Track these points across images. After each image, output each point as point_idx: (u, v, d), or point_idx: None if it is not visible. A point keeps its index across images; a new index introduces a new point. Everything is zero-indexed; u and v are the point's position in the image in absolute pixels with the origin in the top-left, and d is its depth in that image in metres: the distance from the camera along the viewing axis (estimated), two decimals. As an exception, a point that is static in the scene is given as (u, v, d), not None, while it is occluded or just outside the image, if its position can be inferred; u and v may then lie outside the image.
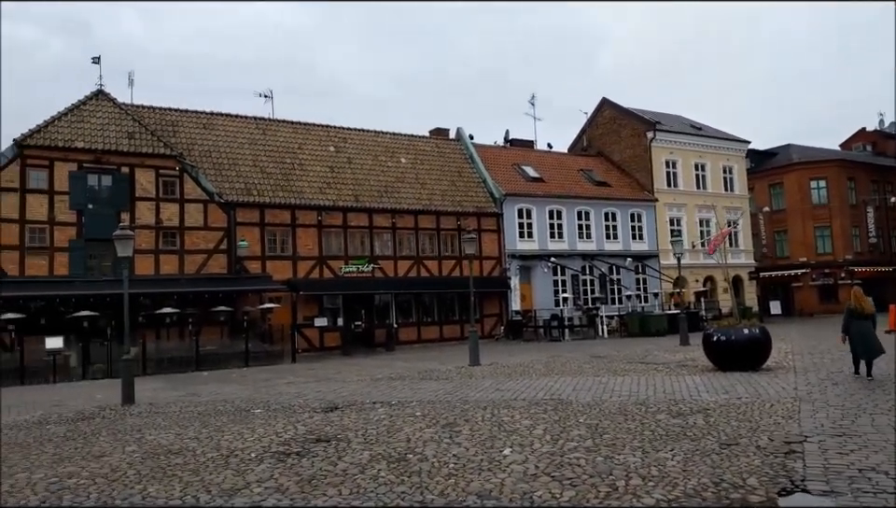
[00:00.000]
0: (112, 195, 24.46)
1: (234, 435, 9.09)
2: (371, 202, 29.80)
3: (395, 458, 7.26)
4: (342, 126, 32.91)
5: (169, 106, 29.20)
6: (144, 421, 10.80)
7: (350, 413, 10.57)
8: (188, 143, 27.76)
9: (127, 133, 25.26)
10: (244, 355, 22.63)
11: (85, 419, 11.31)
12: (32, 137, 23.50)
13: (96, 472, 7.22)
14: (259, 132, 30.33)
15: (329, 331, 27.86)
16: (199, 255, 25.60)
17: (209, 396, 14.15)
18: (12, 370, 19.53)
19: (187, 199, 25.65)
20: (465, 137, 36.04)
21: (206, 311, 24.15)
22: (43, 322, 21.67)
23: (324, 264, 28.30)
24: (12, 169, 23.09)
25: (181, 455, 7.99)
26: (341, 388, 14.60)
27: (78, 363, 20.78)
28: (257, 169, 28.54)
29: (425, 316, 30.74)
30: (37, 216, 23.24)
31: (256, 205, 27.04)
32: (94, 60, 26.42)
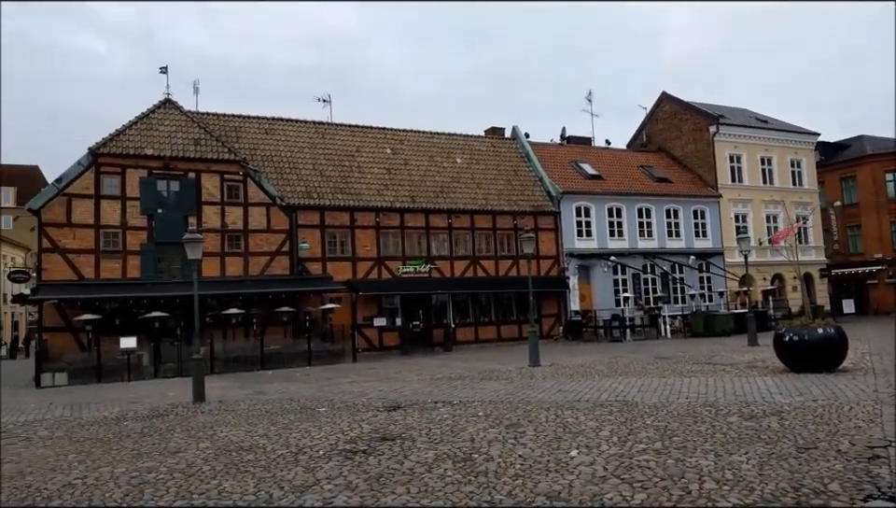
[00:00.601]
0: (180, 200, 25.35)
1: (302, 433, 9.28)
2: (428, 202, 29.95)
3: (460, 458, 7.26)
4: (398, 128, 33.23)
5: (232, 113, 30.09)
6: (215, 418, 11.14)
7: (413, 412, 10.65)
8: (250, 148, 28.54)
9: (193, 139, 26.14)
10: (306, 354, 23.09)
11: (159, 416, 11.75)
12: (105, 146, 24.58)
13: (174, 468, 7.49)
14: (319, 136, 30.92)
15: (388, 331, 28.16)
16: (262, 257, 26.28)
17: (275, 394, 14.50)
18: (90, 368, 20.47)
19: (250, 202, 26.36)
20: (520, 136, 35.83)
21: (270, 311, 24.76)
22: (117, 323, 22.64)
23: (382, 265, 28.62)
24: (87, 177, 24.21)
25: (252, 451, 8.21)
26: (402, 387, 14.72)
27: (150, 362, 21.61)
28: (316, 172, 29.10)
29: (482, 316, 30.71)
30: (111, 221, 24.30)
31: (316, 208, 27.57)
32: (162, 70, 27.47)
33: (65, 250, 23.48)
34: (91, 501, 6.25)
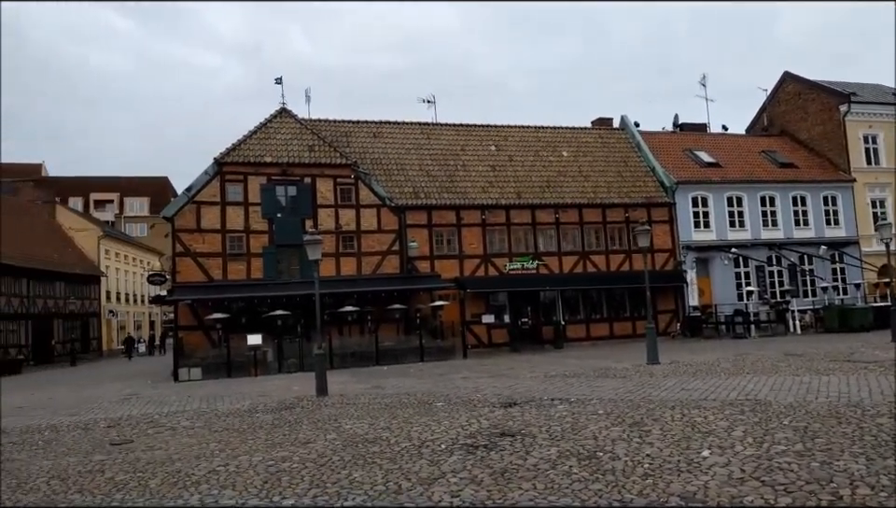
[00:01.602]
0: (297, 204, 26.58)
1: (422, 427, 9.43)
2: (534, 198, 29.68)
3: (584, 456, 7.10)
4: (501, 125, 33.17)
5: (342, 119, 31.18)
6: (338, 411, 11.55)
7: (530, 409, 10.55)
8: (360, 151, 29.45)
9: (307, 145, 27.32)
10: (418, 350, 23.53)
11: (287, 409, 12.33)
12: (228, 155, 26.18)
13: (305, 458, 7.81)
14: (424, 136, 31.41)
15: (497, 328, 28.17)
16: (374, 256, 27.05)
17: (392, 389, 14.85)
18: (221, 364, 21.87)
19: (362, 204, 27.20)
20: (630, 125, 34.72)
21: (382, 309, 25.46)
22: (243, 321, 24.06)
23: (489, 262, 28.67)
24: (214, 185, 25.89)
25: (377, 443, 8.43)
26: (515, 384, 14.64)
27: (274, 358, 22.79)
28: (423, 172, 29.58)
29: (593, 312, 30.05)
30: (235, 225, 25.85)
31: (423, 207, 28.04)
32: (277, 80, 28.93)
33: (196, 254, 25.23)
34: (235, 486, 6.64)
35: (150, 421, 11.78)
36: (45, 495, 6.77)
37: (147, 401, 15.55)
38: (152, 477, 7.27)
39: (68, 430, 11.33)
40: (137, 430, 10.76)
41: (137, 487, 6.86)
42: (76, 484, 7.18)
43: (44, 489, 7.00)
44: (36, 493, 6.87)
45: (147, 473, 7.47)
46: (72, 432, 10.98)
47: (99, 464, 8.16)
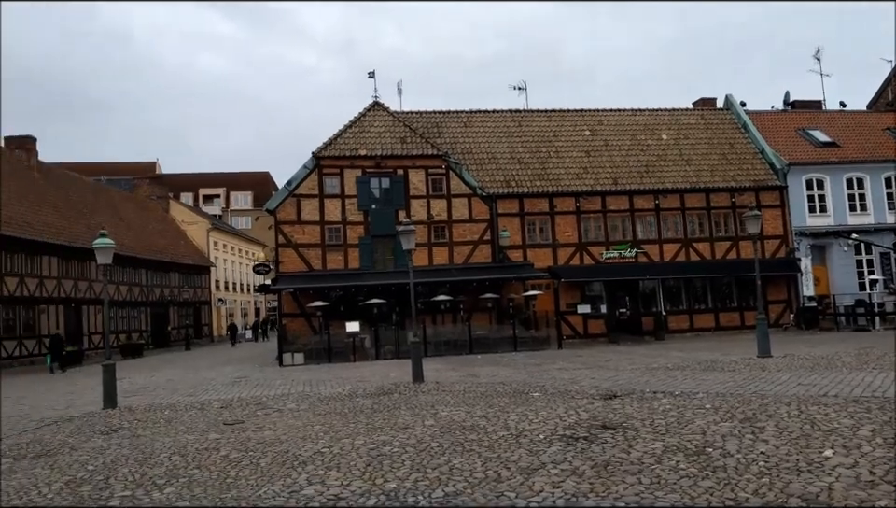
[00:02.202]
0: (390, 195, 27.04)
1: (519, 416, 9.35)
2: (632, 183, 28.78)
3: (692, 451, 6.80)
4: (596, 109, 32.32)
5: (433, 109, 31.39)
6: (434, 398, 11.67)
7: (631, 401, 10.24)
8: (451, 142, 29.56)
9: (400, 138, 27.70)
10: (512, 340, 23.42)
11: (385, 394, 12.59)
12: (326, 149, 26.97)
13: (405, 442, 7.93)
14: (515, 124, 31.10)
15: (593, 319, 27.59)
16: (465, 246, 27.13)
17: (487, 378, 14.85)
18: (322, 350, 22.65)
19: (453, 194, 27.32)
20: (735, 105, 32.89)
21: (475, 298, 25.52)
22: (342, 309, 24.82)
23: (584, 251, 28.09)
24: (312, 178, 26.76)
25: (474, 431, 8.43)
26: (615, 375, 14.28)
27: (372, 345, 23.36)
28: (514, 160, 29.33)
29: (697, 303, 28.83)
30: (333, 217, 26.62)
31: (515, 196, 27.81)
32: (370, 74, 29.59)
33: (297, 245, 26.20)
34: (339, 467, 6.83)
35: (259, 403, 12.35)
36: (167, 469, 7.22)
37: (255, 383, 16.33)
38: (262, 456, 7.61)
39: (185, 409, 12.06)
40: (247, 412, 11.31)
41: (249, 466, 7.19)
42: (194, 460, 7.61)
43: (166, 464, 7.47)
44: (160, 467, 7.34)
45: (257, 452, 7.83)
46: (189, 412, 11.68)
47: (214, 442, 8.63)
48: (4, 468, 7.76)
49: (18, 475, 7.26)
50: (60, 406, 13.63)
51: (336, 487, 6.16)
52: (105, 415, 11.84)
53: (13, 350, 27.48)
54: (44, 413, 12.66)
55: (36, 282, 29.29)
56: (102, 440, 9.26)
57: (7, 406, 14.14)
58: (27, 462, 7.98)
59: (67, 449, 8.67)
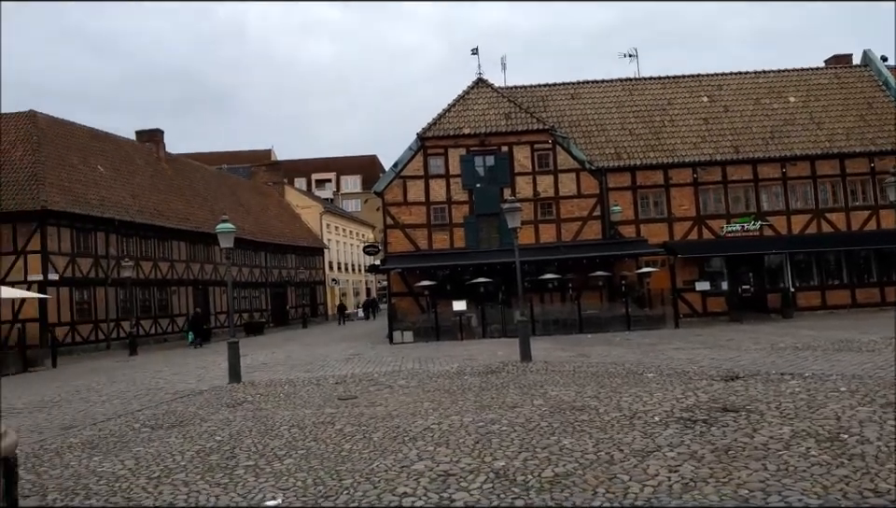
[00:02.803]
0: (495, 173, 26.86)
1: (632, 397, 9.05)
2: (755, 151, 26.95)
3: (824, 437, 6.29)
4: (715, 73, 30.44)
5: (538, 83, 30.76)
6: (543, 378, 11.52)
7: (756, 383, 9.63)
8: (557, 115, 28.88)
9: (504, 114, 27.38)
10: (624, 319, 22.73)
11: (493, 373, 12.58)
12: (430, 130, 27.14)
13: (514, 421, 7.87)
14: (626, 93, 29.91)
15: (713, 296, 26.23)
16: (574, 222, 26.52)
17: (598, 357, 14.49)
18: (430, 328, 23.01)
19: (560, 169, 26.73)
20: (875, 60, 29.85)
21: (585, 276, 24.95)
22: (448, 288, 25.05)
23: (702, 224, 26.70)
24: (417, 159, 27.05)
25: (585, 412, 8.24)
26: (737, 356, 13.52)
27: (479, 323, 23.45)
28: (625, 132, 28.25)
29: (829, 278, 26.69)
30: (438, 197, 26.83)
31: (626, 169, 26.82)
32: (473, 51, 29.45)
33: (404, 226, 26.67)
34: (448, 444, 6.88)
35: (371, 379, 12.72)
36: (286, 441, 7.56)
37: (367, 360, 16.85)
38: (375, 431, 7.81)
39: (303, 384, 12.63)
40: (360, 387, 11.67)
41: (362, 440, 7.40)
42: (311, 433, 7.94)
43: (286, 436, 7.84)
44: (280, 439, 7.71)
45: (370, 427, 8.05)
46: (306, 387, 12.22)
47: (329, 416, 8.97)
48: (143, 436, 8.44)
49: (155, 444, 7.88)
50: (191, 380, 14.68)
51: (445, 464, 6.21)
52: (230, 389, 12.63)
53: (149, 328, 29.96)
54: (177, 386, 13.69)
55: (168, 265, 31.69)
56: (228, 412, 9.87)
57: (146, 379, 15.43)
58: (163, 432, 8.64)
59: (198, 420, 9.31)
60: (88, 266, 26.69)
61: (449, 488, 5.49)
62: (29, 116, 27.78)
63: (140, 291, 29.39)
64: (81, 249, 26.52)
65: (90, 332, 26.54)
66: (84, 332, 26.23)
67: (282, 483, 5.93)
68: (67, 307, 25.51)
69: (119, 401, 11.94)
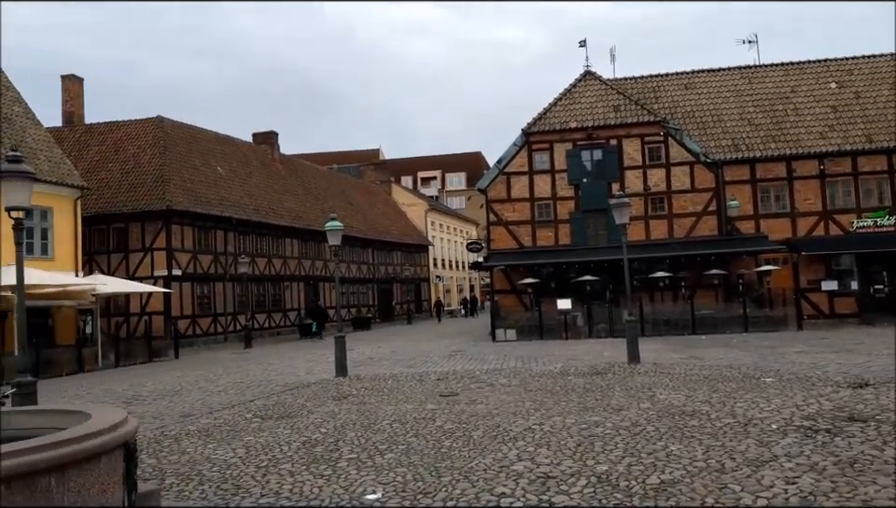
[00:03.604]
0: (603, 168, 26.13)
1: (748, 403, 8.48)
2: (890, 140, 24.61)
3: (978, 456, 5.58)
4: (844, 57, 28.07)
5: (649, 74, 29.63)
6: (651, 380, 11.04)
7: (888, 391, 8.77)
8: (670, 106, 27.70)
9: (613, 106, 26.57)
10: (742, 320, 21.43)
11: (598, 374, 12.21)
12: (535, 124, 26.80)
13: (619, 425, 7.57)
14: (745, 81, 28.19)
15: (841, 296, 24.24)
16: (687, 218, 25.33)
17: (712, 360, 13.74)
18: (534, 326, 22.72)
19: (672, 163, 25.61)
20: None
21: (698, 274, 23.78)
22: (553, 286, 24.64)
23: (829, 219, 24.71)
24: (522, 155, 26.79)
25: (695, 417, 7.80)
26: (867, 361, 12.39)
27: (584, 323, 22.90)
28: (744, 122, 26.63)
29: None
30: (543, 193, 26.44)
31: (745, 161, 25.29)
32: (581, 43, 28.65)
33: (508, 222, 26.51)
34: (549, 446, 6.70)
35: (472, 377, 12.70)
36: (388, 436, 7.66)
37: (469, 357, 16.87)
38: (475, 429, 7.75)
39: (406, 380, 12.82)
40: (461, 385, 11.68)
41: (462, 437, 7.37)
42: (412, 429, 8.00)
43: (388, 431, 7.94)
44: (382, 433, 7.82)
45: (470, 425, 8.00)
46: (409, 382, 12.39)
47: (431, 413, 9.01)
48: (254, 426, 8.84)
49: (265, 434, 8.22)
50: (300, 373, 15.29)
51: (546, 466, 6.05)
52: (336, 382, 13.02)
53: (263, 322, 31.53)
54: (287, 378, 14.29)
55: (281, 262, 33.24)
56: (334, 405, 10.16)
57: (259, 371, 16.22)
58: (272, 422, 9.01)
59: (305, 412, 9.65)
60: (208, 262, 28.47)
61: (548, 491, 5.34)
62: (156, 121, 29.98)
63: (255, 287, 30.98)
64: (202, 246, 28.31)
65: (209, 325, 28.29)
66: (204, 325, 28.00)
67: (382, 477, 5.99)
68: (189, 301, 27.27)
69: (234, 391, 12.61)
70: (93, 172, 27.51)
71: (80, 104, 31.28)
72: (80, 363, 19.21)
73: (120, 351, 21.00)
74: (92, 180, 26.09)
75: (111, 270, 25.73)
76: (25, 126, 23.31)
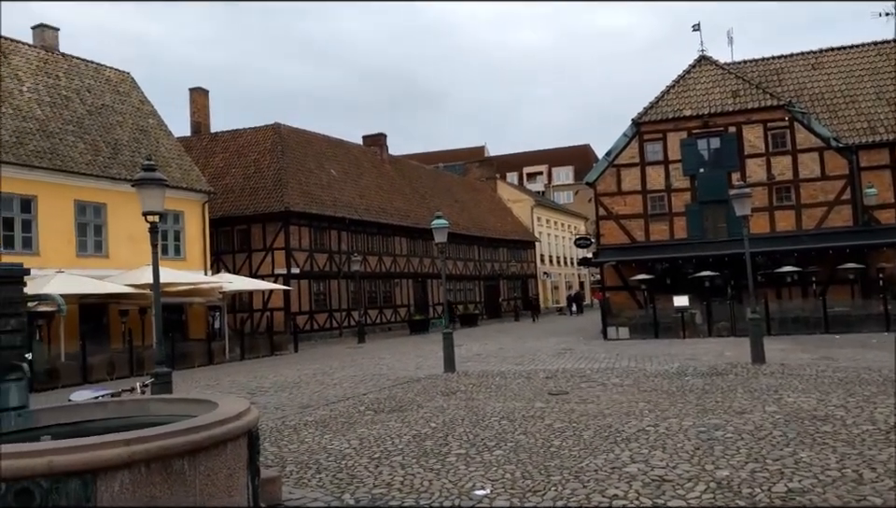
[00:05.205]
0: (721, 157, 24.74)
1: (890, 409, 7.73)
2: None
3: None
4: None
5: (770, 55, 27.74)
6: (778, 382, 10.33)
7: None
8: (796, 89, 25.81)
9: (731, 92, 25.11)
10: (882, 318, 19.54)
11: (718, 375, 11.57)
12: (646, 114, 25.81)
13: (741, 429, 7.12)
14: (882, 59, 25.72)
15: None
16: (817, 208, 23.48)
17: (847, 361, 12.65)
18: (648, 324, 21.89)
19: (799, 149, 23.83)
20: None
21: (831, 268, 22.01)
22: (668, 282, 23.62)
23: None
24: (632, 146, 25.88)
25: (828, 422, 7.20)
26: None
27: (703, 321, 21.78)
28: (881, 102, 24.32)
29: None
30: (655, 185, 25.42)
31: (883, 145, 23.10)
32: (694, 27, 27.20)
33: (618, 216, 25.71)
34: (665, 448, 6.41)
35: (582, 375, 12.42)
36: (496, 433, 7.62)
37: (578, 356, 16.52)
38: (585, 429, 7.56)
39: (514, 377, 12.73)
40: (571, 383, 11.44)
41: (572, 437, 7.20)
42: (521, 426, 7.92)
43: (496, 428, 7.91)
44: (490, 430, 7.80)
45: (580, 425, 7.81)
46: (517, 380, 12.29)
47: (539, 411, 8.89)
48: (367, 419, 9.08)
49: (377, 426, 8.42)
50: (410, 368, 15.57)
51: (661, 468, 5.79)
52: (445, 378, 13.15)
53: (375, 318, 32.44)
54: (398, 373, 14.59)
55: (391, 259, 34.08)
56: (442, 400, 10.26)
57: (371, 365, 16.67)
58: (384, 415, 9.22)
59: (415, 406, 9.80)
60: (323, 261, 29.67)
61: (664, 494, 5.11)
62: (274, 128, 31.61)
63: (367, 284, 31.94)
64: (317, 246, 29.55)
65: (325, 321, 29.50)
66: (320, 321, 29.22)
67: (491, 473, 5.96)
68: (306, 298, 28.59)
69: (349, 384, 13.03)
70: (218, 177, 29.42)
71: (206, 114, 33.61)
72: (210, 356, 20.61)
73: (245, 345, 22.31)
74: (218, 185, 27.95)
75: (236, 269, 27.46)
76: (159, 137, 25.33)
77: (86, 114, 22.94)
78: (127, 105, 25.08)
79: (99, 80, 24.77)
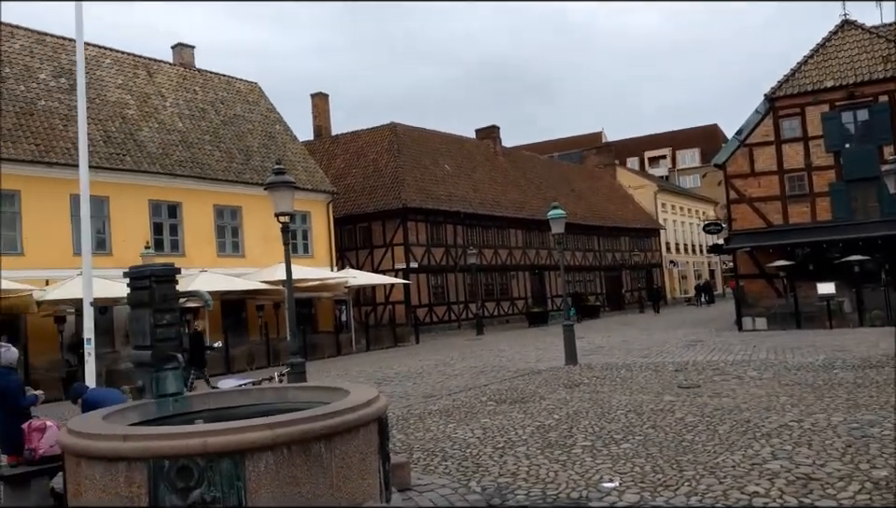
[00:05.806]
0: (869, 130, 22.54)
1: None
2: None
3: None
4: None
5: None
6: (946, 375, 9.24)
7: None
8: (958, 48, 22.95)
9: (881, 57, 22.77)
10: None
11: (872, 367, 10.54)
12: (780, 88, 23.98)
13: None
14: None
15: None
16: None
17: None
18: (788, 314, 20.36)
19: (964, 116, 21.20)
20: None
21: None
22: (811, 268, 21.85)
23: None
24: (766, 124, 24.15)
25: None
26: None
27: (853, 309, 19.97)
28: None
29: None
30: (794, 164, 23.58)
31: None
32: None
33: (751, 199, 24.10)
34: (811, 445, 5.90)
35: (716, 368, 11.75)
36: (623, 426, 7.35)
37: (711, 348, 15.66)
38: (720, 423, 7.13)
39: (640, 369, 12.26)
40: (703, 376, 10.85)
41: (706, 431, 6.82)
42: (649, 420, 7.60)
43: (623, 421, 7.64)
44: (617, 423, 7.54)
45: (714, 419, 7.38)
46: (643, 372, 11.83)
47: (669, 404, 8.49)
48: (489, 409, 9.07)
49: (499, 417, 8.39)
50: (530, 360, 15.42)
51: (807, 466, 5.34)
52: (567, 370, 12.90)
53: (493, 310, 32.45)
54: (518, 365, 14.50)
55: (507, 252, 33.94)
56: (565, 392, 10.06)
57: (491, 357, 16.69)
58: (506, 406, 9.18)
59: (537, 398, 9.68)
60: (440, 255, 30.08)
61: (811, 494, 4.71)
62: (390, 128, 32.41)
63: (483, 276, 32.02)
64: (434, 240, 30.00)
65: (443, 313, 29.93)
66: (439, 313, 29.68)
67: (619, 466, 5.77)
68: (425, 291, 29.14)
69: (469, 375, 13.12)
70: (340, 178, 30.64)
71: (327, 117, 35.06)
72: (338, 347, 21.60)
73: (370, 337, 23.16)
74: (340, 185, 29.13)
75: (359, 264, 28.53)
76: (285, 142, 26.76)
77: (220, 124, 24.66)
78: (256, 113, 26.69)
79: (230, 92, 26.54)
